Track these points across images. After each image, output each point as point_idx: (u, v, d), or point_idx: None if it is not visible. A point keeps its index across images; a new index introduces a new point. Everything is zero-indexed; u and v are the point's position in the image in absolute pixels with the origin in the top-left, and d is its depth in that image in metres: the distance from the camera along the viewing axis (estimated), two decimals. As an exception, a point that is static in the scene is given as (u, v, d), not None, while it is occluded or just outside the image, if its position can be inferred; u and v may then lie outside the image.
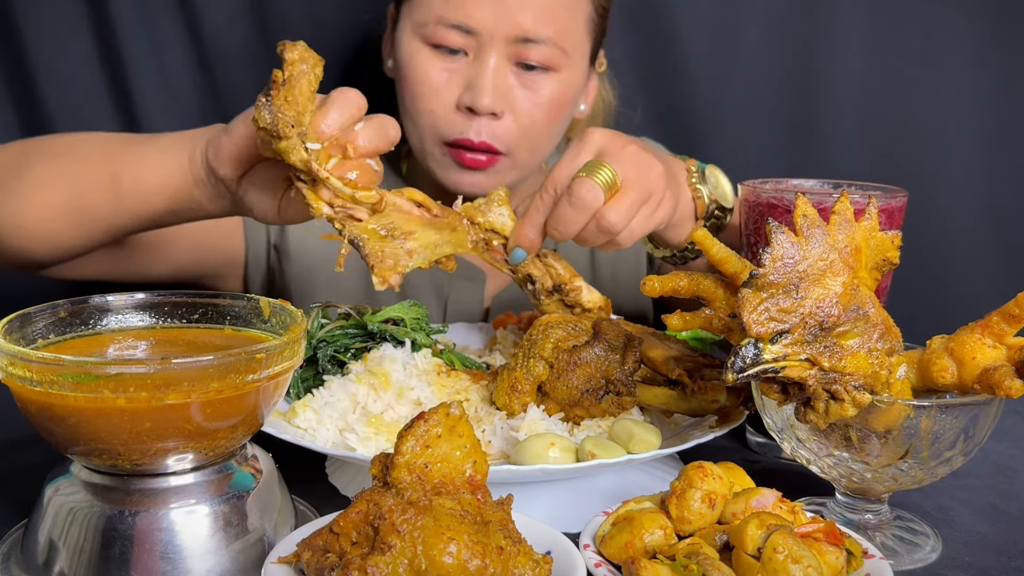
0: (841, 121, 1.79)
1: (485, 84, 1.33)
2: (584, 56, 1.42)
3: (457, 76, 1.35)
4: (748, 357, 0.75)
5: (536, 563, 0.66)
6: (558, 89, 1.38)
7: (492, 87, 1.33)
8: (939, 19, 1.74)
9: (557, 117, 1.40)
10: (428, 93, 1.36)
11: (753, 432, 1.11)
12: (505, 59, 1.34)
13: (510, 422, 0.95)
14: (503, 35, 1.32)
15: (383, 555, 0.63)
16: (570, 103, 1.42)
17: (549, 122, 1.40)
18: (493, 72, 1.33)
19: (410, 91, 1.39)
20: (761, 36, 1.78)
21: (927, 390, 0.84)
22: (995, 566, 0.85)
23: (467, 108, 1.35)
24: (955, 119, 1.77)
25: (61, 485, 0.76)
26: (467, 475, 0.69)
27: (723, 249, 0.85)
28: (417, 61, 1.36)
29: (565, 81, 1.38)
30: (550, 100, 1.37)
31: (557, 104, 1.39)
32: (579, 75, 1.41)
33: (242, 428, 0.76)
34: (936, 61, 1.75)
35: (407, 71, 1.38)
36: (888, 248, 0.83)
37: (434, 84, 1.36)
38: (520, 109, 1.36)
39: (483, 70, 1.33)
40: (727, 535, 0.75)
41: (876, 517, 0.88)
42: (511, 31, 1.32)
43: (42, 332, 0.80)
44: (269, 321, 0.85)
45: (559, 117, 1.41)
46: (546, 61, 1.35)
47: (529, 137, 1.39)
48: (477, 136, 1.36)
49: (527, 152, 1.40)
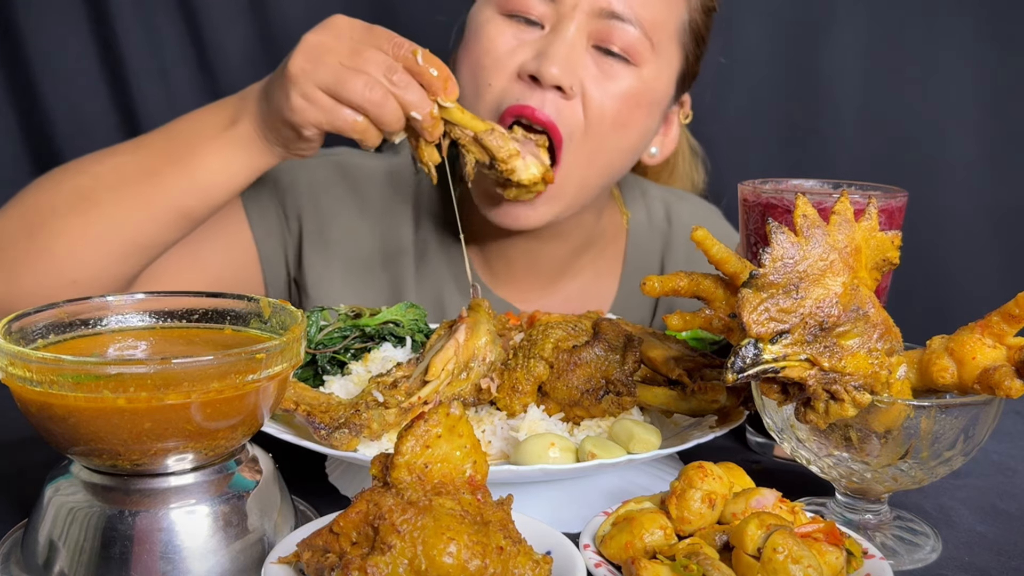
0: (841, 121, 1.80)
1: (558, 52, 1.17)
2: (671, 67, 1.27)
3: (527, 47, 1.20)
4: (748, 357, 0.75)
5: (536, 563, 0.66)
6: (635, 86, 1.22)
7: (565, 57, 1.17)
8: (939, 19, 1.74)
9: (627, 122, 1.24)
10: (490, 63, 1.21)
11: (753, 432, 1.11)
12: (585, 35, 1.19)
13: (510, 422, 0.95)
14: (589, 5, 1.18)
15: (383, 555, 0.63)
16: (645, 110, 1.26)
17: (617, 125, 1.23)
18: (570, 43, 1.18)
19: (470, 65, 1.23)
20: (761, 36, 1.78)
21: (927, 390, 0.84)
22: (995, 566, 0.85)
23: (530, 77, 1.19)
24: (955, 119, 1.78)
25: (61, 485, 0.76)
26: (467, 475, 0.69)
27: (723, 249, 0.85)
28: (486, 30, 1.22)
29: (644, 80, 1.23)
30: (625, 95, 1.22)
31: (631, 103, 1.23)
32: (662, 84, 1.27)
33: (242, 428, 0.76)
34: (936, 61, 1.76)
35: (472, 43, 1.24)
36: (888, 248, 0.83)
37: (499, 52, 1.20)
38: (590, 95, 1.20)
39: (558, 39, 1.18)
40: (727, 535, 0.75)
41: (876, 517, 0.88)
42: (598, 2, 1.18)
43: (42, 332, 0.80)
44: (269, 321, 0.85)
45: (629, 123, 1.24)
46: (630, 48, 1.20)
47: (592, 136, 1.22)
48: (540, 106, 1.18)
49: (586, 158, 1.23)
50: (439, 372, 0.92)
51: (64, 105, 1.76)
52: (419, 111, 1.03)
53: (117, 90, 1.77)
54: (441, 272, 1.43)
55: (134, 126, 1.78)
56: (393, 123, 1.04)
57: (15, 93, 1.76)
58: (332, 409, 0.89)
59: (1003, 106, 1.76)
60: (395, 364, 0.97)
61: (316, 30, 1.06)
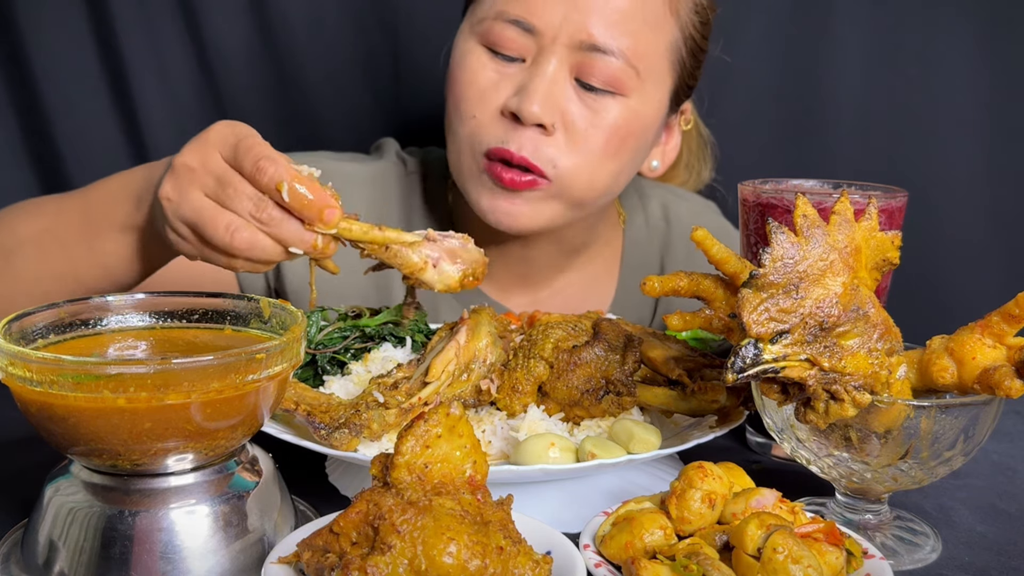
0: (841, 121, 1.80)
1: (537, 89, 1.15)
2: (661, 88, 1.24)
3: (509, 81, 1.19)
4: (748, 357, 0.75)
5: (536, 563, 0.66)
6: (623, 116, 1.19)
7: (545, 93, 1.15)
8: (939, 19, 1.74)
9: (620, 150, 1.21)
10: (474, 96, 1.20)
11: (753, 432, 1.11)
12: (567, 68, 1.17)
13: (510, 422, 0.95)
14: (568, 38, 1.16)
15: (383, 555, 0.63)
16: (636, 137, 1.23)
17: (609, 153, 1.20)
18: (550, 79, 1.16)
19: (454, 94, 1.22)
20: (761, 36, 1.78)
21: (927, 390, 0.84)
22: (995, 566, 0.85)
23: (512, 115, 1.18)
24: (955, 119, 1.77)
25: (61, 485, 0.76)
26: (467, 475, 0.69)
27: (723, 249, 0.85)
28: (468, 61, 1.21)
29: (633, 109, 1.20)
30: (613, 126, 1.19)
31: (621, 134, 1.20)
32: (652, 108, 1.23)
33: (242, 428, 0.76)
34: (936, 61, 1.75)
35: (455, 72, 1.22)
36: (888, 248, 0.83)
37: (482, 86, 1.19)
38: (575, 128, 1.18)
39: (538, 74, 1.16)
40: (727, 535, 0.75)
41: (876, 517, 0.88)
42: (578, 35, 1.15)
43: (42, 332, 0.80)
44: (269, 321, 0.85)
45: (622, 150, 1.22)
46: (613, 80, 1.17)
47: (584, 166, 1.20)
48: (518, 149, 1.17)
49: (582, 185, 1.21)
50: (440, 373, 0.92)
51: (64, 105, 1.76)
52: (298, 246, 0.89)
53: (117, 90, 1.77)
54: None
55: (134, 126, 1.78)
56: (272, 258, 0.90)
57: (15, 93, 1.76)
58: (332, 409, 0.89)
59: (1003, 106, 1.76)
60: (396, 365, 0.97)
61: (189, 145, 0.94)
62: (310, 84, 1.79)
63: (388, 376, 0.94)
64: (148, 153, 1.78)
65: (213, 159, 0.91)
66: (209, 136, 0.93)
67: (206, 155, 0.92)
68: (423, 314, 1.11)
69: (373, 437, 0.89)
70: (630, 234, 1.50)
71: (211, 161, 0.91)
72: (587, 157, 1.19)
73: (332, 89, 1.80)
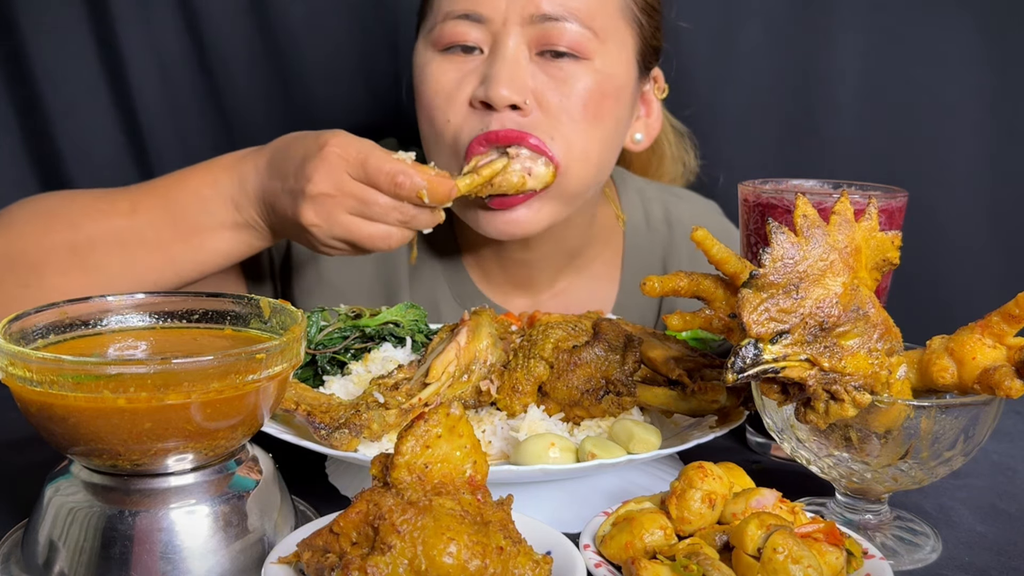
0: (841, 121, 1.80)
1: (500, 72, 1.15)
2: (625, 48, 1.24)
3: (472, 75, 1.19)
4: (748, 357, 0.75)
5: (536, 563, 0.66)
6: (593, 79, 1.19)
7: (509, 75, 1.15)
8: (940, 19, 1.74)
9: (599, 114, 1.21)
10: (442, 101, 1.20)
11: (753, 432, 1.11)
12: (524, 45, 1.17)
13: (510, 422, 0.95)
14: (518, 16, 1.17)
15: (383, 555, 0.63)
16: (613, 100, 1.22)
17: (589, 118, 1.20)
18: (512, 60, 1.16)
19: (424, 106, 1.23)
20: (761, 36, 1.78)
21: (927, 390, 0.84)
22: (995, 566, 0.85)
23: (483, 104, 1.18)
24: (955, 119, 1.77)
25: (61, 485, 0.76)
26: (467, 475, 0.69)
27: (723, 249, 0.85)
28: (428, 71, 1.22)
29: (600, 71, 1.20)
30: (585, 91, 1.19)
31: (596, 97, 1.19)
32: (620, 69, 1.23)
33: (242, 428, 0.76)
34: (936, 61, 1.76)
35: (420, 87, 1.23)
36: (888, 248, 0.83)
37: (448, 89, 1.20)
38: (549, 102, 1.18)
39: (499, 58, 1.16)
40: (727, 535, 0.75)
41: (876, 517, 0.88)
42: (526, 9, 1.16)
43: (42, 332, 0.80)
44: (269, 321, 0.85)
45: (601, 114, 1.21)
46: (573, 45, 1.17)
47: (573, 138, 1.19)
48: (500, 126, 1.16)
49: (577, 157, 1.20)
50: (440, 374, 0.92)
51: (64, 105, 1.76)
52: (429, 227, 1.12)
53: (117, 90, 1.77)
54: (436, 279, 1.43)
55: (134, 126, 1.78)
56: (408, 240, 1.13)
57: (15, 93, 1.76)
58: (332, 409, 0.89)
59: (1003, 106, 1.76)
60: (396, 366, 0.97)
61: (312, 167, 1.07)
62: (310, 84, 1.79)
63: (388, 377, 0.94)
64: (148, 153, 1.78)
65: (347, 183, 1.06)
66: (329, 158, 1.06)
67: (339, 179, 1.06)
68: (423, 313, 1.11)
69: (373, 437, 0.89)
70: (631, 236, 1.50)
71: (346, 185, 1.06)
72: (571, 127, 1.19)
73: (332, 89, 1.80)
